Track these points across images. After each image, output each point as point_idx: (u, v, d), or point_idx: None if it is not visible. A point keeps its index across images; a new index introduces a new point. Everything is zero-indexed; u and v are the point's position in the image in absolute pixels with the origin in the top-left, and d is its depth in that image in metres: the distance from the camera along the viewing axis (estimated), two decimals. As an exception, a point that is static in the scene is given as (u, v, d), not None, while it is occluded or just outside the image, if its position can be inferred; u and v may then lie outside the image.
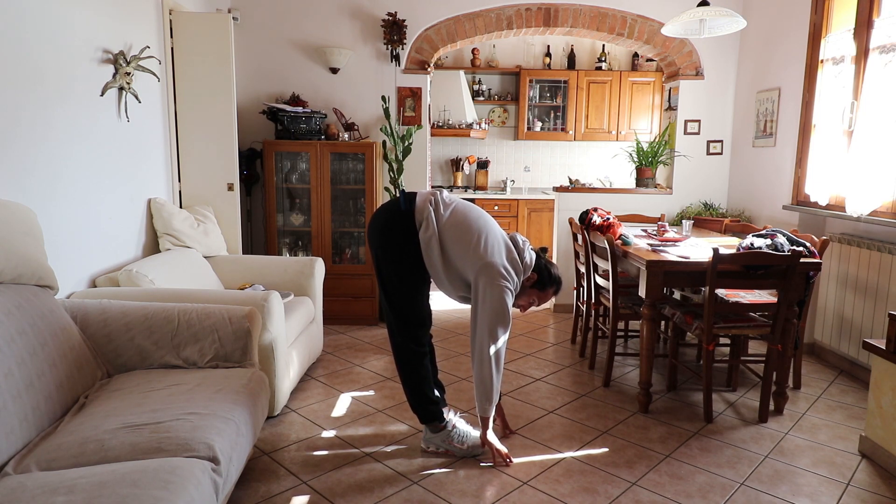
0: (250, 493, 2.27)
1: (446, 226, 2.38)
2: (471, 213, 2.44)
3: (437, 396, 2.60)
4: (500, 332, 2.36)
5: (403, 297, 2.47)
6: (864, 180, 3.32)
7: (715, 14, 3.26)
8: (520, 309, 2.63)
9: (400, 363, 2.56)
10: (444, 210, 2.40)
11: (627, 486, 2.35)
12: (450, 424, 2.58)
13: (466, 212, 2.44)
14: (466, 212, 2.44)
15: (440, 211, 2.40)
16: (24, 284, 2.09)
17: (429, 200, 2.41)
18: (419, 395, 2.56)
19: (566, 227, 4.75)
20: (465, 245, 2.35)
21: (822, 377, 3.54)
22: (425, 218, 2.37)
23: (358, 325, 4.56)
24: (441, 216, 2.39)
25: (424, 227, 2.37)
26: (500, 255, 2.38)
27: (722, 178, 5.06)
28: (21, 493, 1.46)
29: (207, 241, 3.58)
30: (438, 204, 2.41)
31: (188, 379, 2.17)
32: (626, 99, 6.64)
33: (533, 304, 2.63)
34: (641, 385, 3.03)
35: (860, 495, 2.32)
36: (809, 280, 3.04)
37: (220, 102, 3.77)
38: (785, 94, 4.24)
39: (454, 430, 2.57)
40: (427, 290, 2.54)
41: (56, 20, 2.57)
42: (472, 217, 2.42)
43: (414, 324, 2.50)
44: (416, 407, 2.59)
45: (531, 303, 2.62)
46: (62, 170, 2.62)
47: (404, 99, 4.81)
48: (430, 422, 2.57)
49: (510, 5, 4.73)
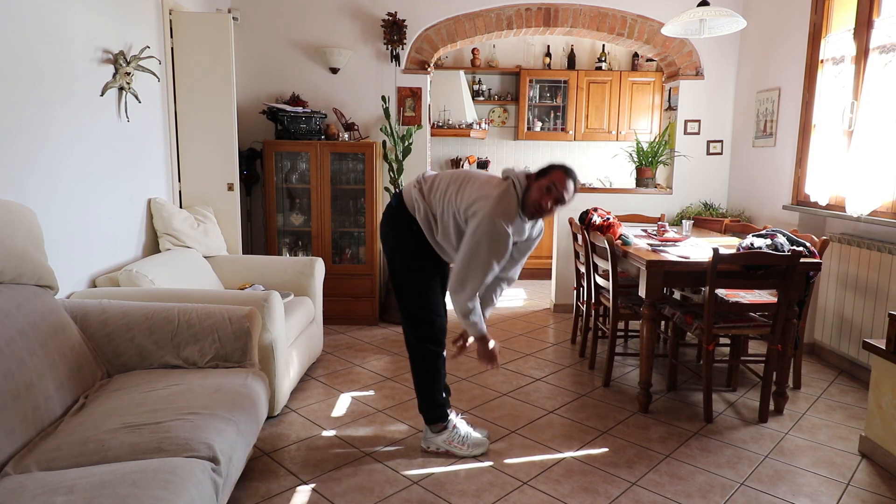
0: (250, 493, 2.27)
1: (433, 197, 2.41)
2: (453, 175, 2.45)
3: (444, 399, 2.61)
4: (469, 282, 2.30)
5: (414, 291, 2.49)
6: (864, 180, 3.32)
7: (715, 14, 3.26)
8: (543, 208, 2.30)
9: (414, 362, 2.58)
10: (426, 185, 2.45)
11: (627, 486, 2.35)
12: (450, 425, 2.58)
13: (448, 176, 2.45)
14: (448, 176, 2.45)
15: (423, 187, 2.45)
16: (24, 284, 2.09)
17: (412, 185, 2.49)
18: (429, 397, 2.57)
19: (566, 227, 4.75)
20: (449, 205, 2.37)
21: (822, 377, 3.54)
22: (414, 200, 2.43)
23: (358, 325, 4.55)
24: (425, 191, 2.44)
25: (416, 208, 2.42)
26: (477, 192, 2.31)
27: (722, 178, 5.06)
28: (21, 493, 1.46)
29: (207, 241, 3.58)
30: (420, 182, 2.47)
31: (188, 379, 2.17)
32: (626, 99, 6.64)
33: (547, 196, 2.29)
34: (641, 385, 3.03)
35: (860, 495, 2.32)
36: (809, 280, 3.04)
37: (220, 102, 3.77)
38: (785, 94, 4.24)
39: (455, 430, 2.58)
40: (437, 287, 2.55)
41: (56, 20, 2.57)
42: (453, 178, 2.43)
43: (426, 321, 2.51)
44: (424, 408, 2.59)
45: (542, 197, 2.29)
46: (62, 170, 2.62)
47: (404, 99, 4.81)
48: (434, 423, 2.57)
49: (510, 5, 4.73)
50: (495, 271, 2.34)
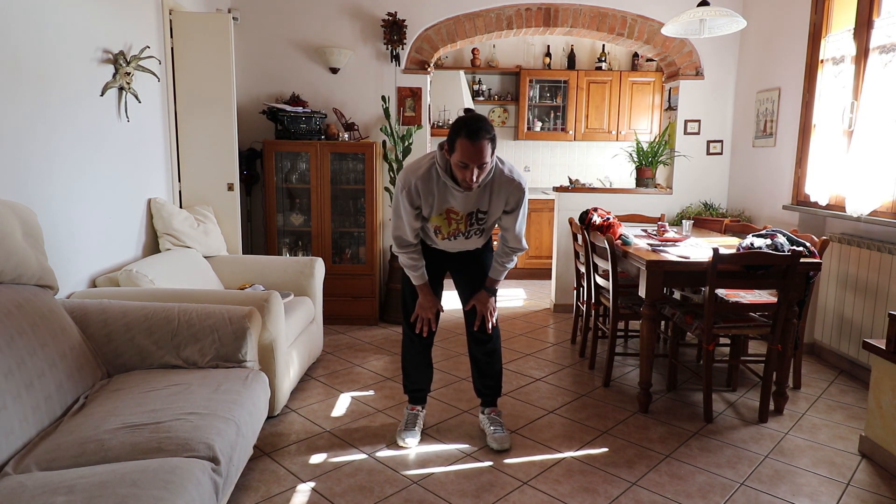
0: (250, 493, 2.27)
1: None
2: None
3: (416, 386, 2.79)
4: (393, 229, 2.51)
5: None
6: (864, 180, 3.32)
7: (715, 14, 3.26)
8: (469, 183, 2.23)
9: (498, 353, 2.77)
10: None
11: (627, 486, 2.35)
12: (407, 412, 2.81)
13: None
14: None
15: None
16: (24, 284, 2.09)
17: None
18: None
19: (566, 227, 4.75)
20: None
21: (822, 377, 3.54)
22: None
23: (358, 325, 4.55)
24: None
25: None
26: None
27: (722, 178, 5.06)
28: (21, 493, 1.46)
29: (207, 241, 3.58)
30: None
31: (188, 379, 2.17)
32: (626, 99, 6.64)
33: (466, 172, 2.20)
34: (641, 385, 3.03)
35: (860, 495, 2.32)
36: (809, 280, 3.04)
37: (220, 102, 3.77)
38: (785, 94, 4.24)
39: (406, 417, 2.78)
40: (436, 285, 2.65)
41: (56, 20, 2.57)
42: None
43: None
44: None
45: (463, 174, 2.22)
46: (62, 170, 2.62)
47: (404, 99, 4.81)
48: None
49: (510, 5, 4.73)
50: (405, 222, 2.42)
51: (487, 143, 2.17)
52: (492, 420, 2.72)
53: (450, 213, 2.41)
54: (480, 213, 2.43)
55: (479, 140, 2.15)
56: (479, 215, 2.44)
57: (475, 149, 2.15)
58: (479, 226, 2.48)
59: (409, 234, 2.45)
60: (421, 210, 2.40)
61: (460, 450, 2.63)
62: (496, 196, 2.40)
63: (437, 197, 2.36)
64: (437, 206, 2.38)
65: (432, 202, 2.37)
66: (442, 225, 2.45)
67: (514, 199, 2.43)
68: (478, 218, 2.44)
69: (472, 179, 2.21)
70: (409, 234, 2.46)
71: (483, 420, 2.76)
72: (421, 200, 2.37)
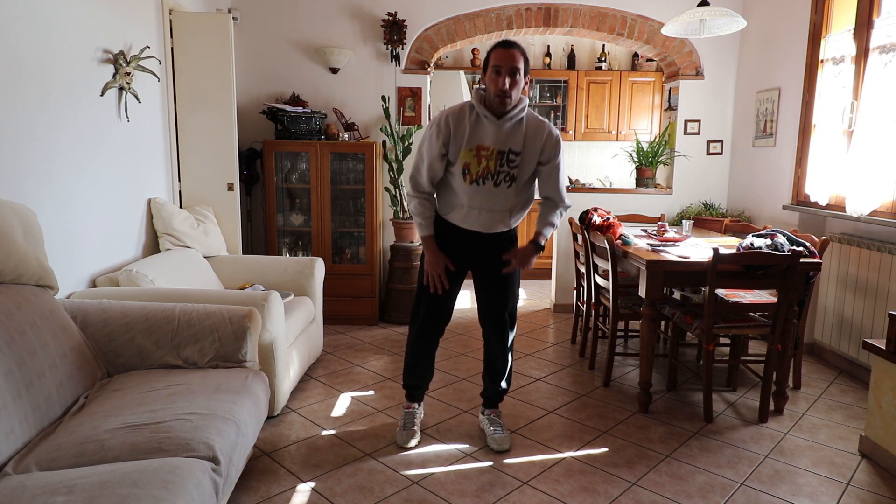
0: (250, 493, 2.27)
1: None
2: None
3: (415, 381, 2.78)
4: (413, 171, 2.52)
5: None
6: (864, 180, 3.32)
7: (715, 14, 3.26)
8: (501, 88, 2.29)
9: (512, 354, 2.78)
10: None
11: (627, 486, 2.35)
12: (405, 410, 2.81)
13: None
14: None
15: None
16: (24, 284, 2.09)
17: None
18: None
19: (566, 227, 4.75)
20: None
21: (822, 377, 3.54)
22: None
23: (358, 325, 4.55)
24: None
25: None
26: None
27: (722, 178, 5.06)
28: (21, 493, 1.46)
29: (207, 241, 3.58)
30: None
31: (188, 379, 2.17)
32: (626, 99, 6.64)
33: (499, 78, 2.29)
34: (641, 385, 3.03)
35: (860, 495, 2.32)
36: (809, 280, 3.04)
37: (220, 102, 3.76)
38: (785, 94, 4.24)
39: (403, 417, 2.77)
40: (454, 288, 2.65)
41: (56, 20, 2.57)
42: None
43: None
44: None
45: (494, 81, 2.31)
46: (62, 170, 2.62)
47: (404, 99, 4.81)
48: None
49: (510, 5, 4.73)
50: (426, 163, 2.44)
51: (519, 53, 2.31)
52: (492, 420, 2.72)
53: (480, 150, 2.38)
54: (512, 154, 2.39)
55: (511, 47, 2.31)
56: (511, 156, 2.39)
57: (507, 53, 2.29)
58: (509, 168, 2.40)
59: (426, 177, 2.45)
60: (447, 152, 2.40)
61: (460, 450, 2.64)
62: (529, 139, 2.40)
63: (469, 130, 2.37)
64: (468, 140, 2.37)
65: (463, 135, 2.37)
66: (472, 162, 2.38)
67: (550, 150, 2.44)
68: (509, 159, 2.39)
69: (504, 85, 2.28)
70: (426, 178, 2.45)
71: (483, 420, 2.76)
72: (451, 135, 2.38)
